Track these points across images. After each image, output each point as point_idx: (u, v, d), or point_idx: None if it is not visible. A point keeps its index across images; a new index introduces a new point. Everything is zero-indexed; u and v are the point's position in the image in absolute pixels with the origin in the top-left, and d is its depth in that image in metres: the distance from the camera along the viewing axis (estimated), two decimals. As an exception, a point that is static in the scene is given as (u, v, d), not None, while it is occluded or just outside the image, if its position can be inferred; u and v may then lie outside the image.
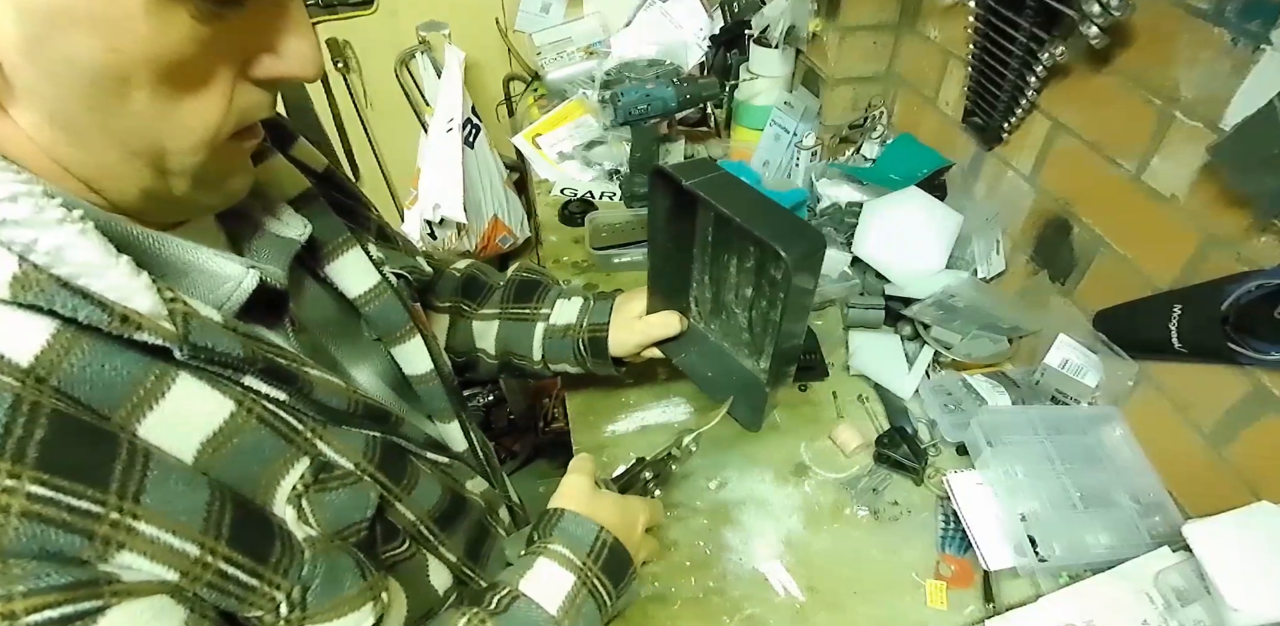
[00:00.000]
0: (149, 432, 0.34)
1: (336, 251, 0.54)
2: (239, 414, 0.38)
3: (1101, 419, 0.82)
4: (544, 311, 0.77)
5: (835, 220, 1.13)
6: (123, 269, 0.33)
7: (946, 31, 1.02)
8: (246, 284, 0.42)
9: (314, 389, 0.43)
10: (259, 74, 0.37)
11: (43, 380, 0.31)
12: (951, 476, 0.77)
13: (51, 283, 0.31)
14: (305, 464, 0.42)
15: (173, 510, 0.34)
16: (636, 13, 1.49)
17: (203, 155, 0.36)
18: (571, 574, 0.55)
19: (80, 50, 0.30)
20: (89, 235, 0.32)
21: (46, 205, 0.31)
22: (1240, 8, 0.60)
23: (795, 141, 1.24)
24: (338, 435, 0.45)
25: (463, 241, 1.67)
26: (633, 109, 1.18)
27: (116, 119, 0.33)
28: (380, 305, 0.56)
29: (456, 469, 0.60)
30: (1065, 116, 0.84)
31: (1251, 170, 0.60)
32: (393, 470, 0.50)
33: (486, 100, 1.75)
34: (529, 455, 2.02)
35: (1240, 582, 0.60)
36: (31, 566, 0.29)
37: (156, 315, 0.34)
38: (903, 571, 0.74)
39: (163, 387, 0.35)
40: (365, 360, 0.57)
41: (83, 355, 0.32)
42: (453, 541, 0.57)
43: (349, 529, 0.44)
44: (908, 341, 1.00)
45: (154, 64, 0.31)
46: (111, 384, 0.33)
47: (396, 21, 1.61)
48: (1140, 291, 0.76)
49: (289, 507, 0.41)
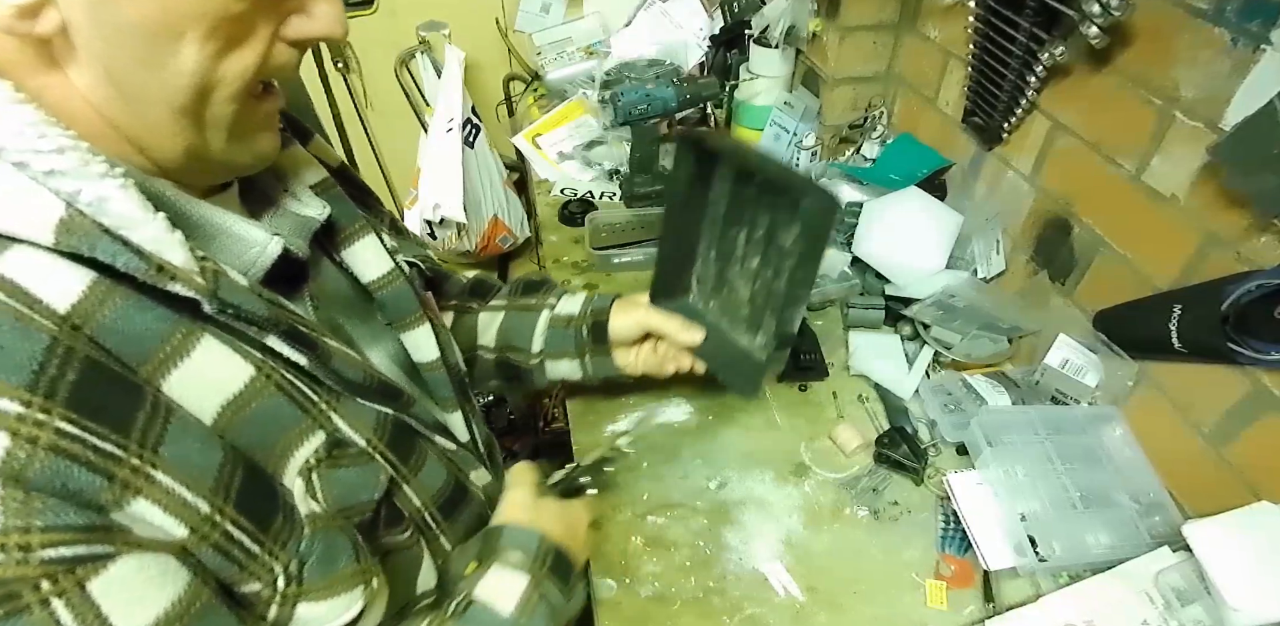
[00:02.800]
0: (172, 389, 0.36)
1: (353, 236, 0.56)
2: (258, 378, 0.40)
3: (1101, 419, 0.82)
4: (550, 301, 0.79)
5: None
6: (159, 224, 0.35)
7: (946, 31, 1.02)
8: (271, 249, 0.44)
9: (332, 357, 0.44)
10: (291, 34, 0.39)
11: (78, 328, 0.33)
12: (951, 476, 0.77)
13: (95, 228, 0.33)
14: (320, 438, 0.43)
15: (188, 464, 0.35)
16: (636, 13, 1.49)
17: (236, 105, 0.39)
18: (525, 574, 0.55)
19: (139, 9, 0.33)
20: (129, 190, 0.34)
21: (91, 160, 0.34)
22: (1240, 8, 0.60)
23: (795, 141, 1.24)
24: (351, 409, 0.47)
25: (463, 241, 1.67)
26: (633, 109, 1.18)
27: (166, 75, 0.35)
28: (393, 291, 0.58)
29: (462, 456, 0.61)
30: (1065, 116, 0.84)
31: (1251, 170, 0.60)
32: (402, 449, 0.51)
33: (486, 100, 1.75)
34: (529, 455, 2.02)
35: (1240, 582, 0.60)
36: (52, 503, 0.30)
37: (189, 270, 0.36)
38: (903, 571, 0.74)
39: (188, 346, 0.37)
40: (378, 342, 0.58)
41: (116, 307, 0.34)
42: (454, 530, 0.58)
43: (354, 508, 0.45)
44: (908, 341, 1.00)
45: (204, 20, 0.34)
46: (141, 337, 0.35)
47: (396, 21, 1.61)
48: (1140, 291, 0.76)
49: (299, 479, 0.42)
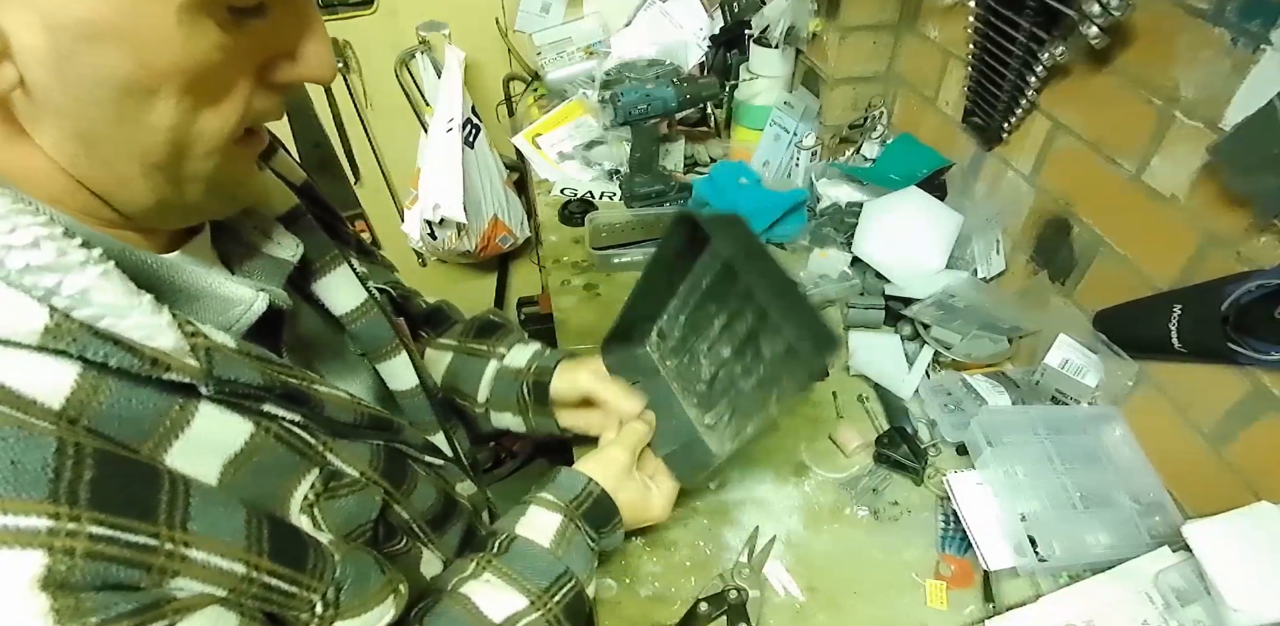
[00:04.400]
0: (175, 460, 0.35)
1: (325, 269, 0.54)
2: (258, 434, 0.40)
3: (1101, 419, 0.82)
4: (500, 351, 0.76)
5: (835, 220, 1.13)
6: (145, 308, 0.34)
7: (946, 31, 1.02)
8: (256, 307, 0.42)
9: (324, 406, 0.44)
10: (277, 78, 0.37)
11: (74, 421, 0.32)
12: (951, 476, 0.77)
13: (83, 331, 0.32)
14: (315, 473, 0.43)
15: (218, 533, 0.35)
16: (636, 13, 1.48)
17: (216, 160, 0.37)
18: (558, 514, 0.62)
19: (110, 64, 0.30)
20: (111, 276, 0.33)
21: (69, 248, 0.32)
22: (1240, 8, 0.60)
23: (795, 141, 1.24)
24: (345, 446, 0.47)
25: (463, 241, 1.67)
26: (633, 109, 1.18)
27: (140, 131, 0.33)
28: (367, 322, 0.56)
29: (449, 470, 0.62)
30: (1065, 116, 0.84)
31: (1251, 170, 0.60)
32: (395, 475, 0.51)
33: (486, 100, 1.75)
34: (529, 455, 2.02)
35: (1240, 582, 0.60)
36: (100, 598, 0.30)
37: (180, 352, 0.35)
38: (903, 571, 0.74)
39: (187, 417, 0.36)
40: (353, 375, 0.58)
41: (110, 393, 0.33)
42: (444, 542, 0.59)
43: (356, 529, 0.46)
44: (908, 341, 1.00)
45: (181, 75, 0.32)
46: (139, 418, 0.34)
47: (396, 21, 1.61)
48: (1140, 291, 0.76)
49: (303, 516, 0.42)
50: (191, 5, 0.30)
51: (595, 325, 0.80)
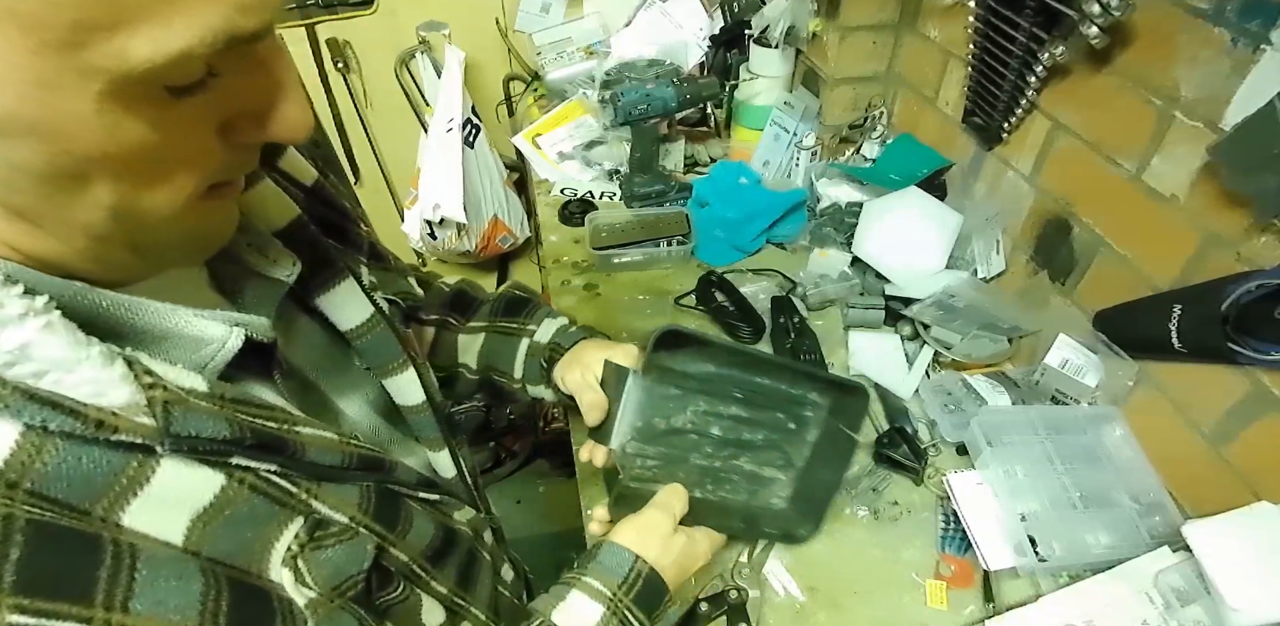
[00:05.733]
0: (134, 520, 0.32)
1: (328, 283, 0.51)
2: (229, 487, 0.36)
3: (1101, 419, 0.82)
4: (530, 327, 0.75)
5: (835, 220, 1.13)
6: (94, 361, 0.30)
7: (946, 31, 1.02)
8: (230, 344, 0.38)
9: (306, 451, 0.40)
10: (241, 140, 0.34)
11: (14, 485, 0.29)
12: (951, 476, 0.77)
13: (16, 396, 0.29)
14: (299, 522, 0.40)
15: (164, 610, 0.32)
16: (636, 13, 1.48)
17: (176, 222, 0.33)
18: (600, 605, 0.57)
19: (30, 156, 0.28)
20: (54, 327, 0.30)
21: (6, 299, 0.29)
22: (1240, 8, 0.60)
23: (795, 141, 1.24)
24: (332, 491, 0.43)
25: (463, 241, 1.67)
26: (633, 109, 1.18)
27: (81, 211, 0.30)
28: (373, 338, 0.54)
29: (446, 503, 0.59)
30: (1065, 116, 0.84)
31: (1251, 170, 0.60)
32: (387, 518, 0.48)
33: (486, 100, 1.75)
34: (529, 455, 2.02)
35: (1240, 582, 0.60)
36: None
37: (134, 406, 0.31)
38: (903, 571, 0.74)
39: (145, 473, 0.33)
40: (356, 390, 0.55)
41: (56, 452, 0.30)
42: (444, 574, 0.55)
43: (346, 582, 0.42)
44: (908, 341, 1.00)
45: (111, 161, 0.29)
46: (90, 477, 0.31)
47: (396, 21, 1.61)
48: (1140, 291, 0.76)
49: (285, 570, 0.38)
50: (113, 94, 0.27)
51: (595, 325, 0.80)
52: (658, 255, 1.15)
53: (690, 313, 1.06)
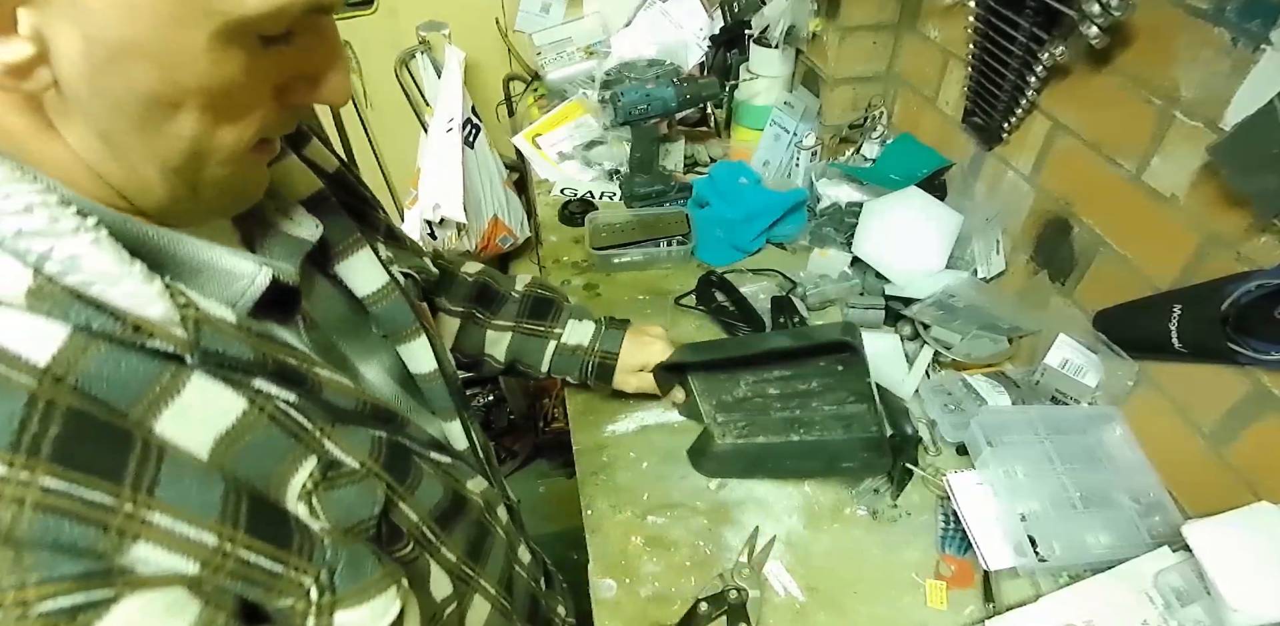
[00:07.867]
0: (165, 429, 0.35)
1: (347, 251, 0.55)
2: (250, 412, 0.39)
3: (1101, 419, 0.82)
4: (557, 330, 0.84)
5: (835, 220, 1.13)
6: (136, 276, 0.34)
7: (946, 31, 1.02)
8: (259, 281, 0.42)
9: (323, 389, 0.44)
10: (294, 99, 0.39)
11: (60, 379, 0.32)
12: (951, 476, 0.77)
13: (65, 295, 0.32)
14: (314, 461, 0.43)
15: (187, 502, 0.35)
16: (636, 13, 1.49)
17: (231, 167, 0.39)
18: None
19: (140, 80, 0.32)
20: (102, 244, 0.34)
21: (61, 215, 0.33)
22: (1240, 8, 0.60)
23: (795, 141, 1.24)
24: (345, 434, 0.46)
25: (463, 241, 1.67)
26: (633, 109, 1.18)
27: (162, 139, 0.35)
28: (388, 304, 0.57)
29: (458, 468, 0.61)
30: (1065, 116, 0.84)
31: (1251, 170, 0.60)
32: (398, 470, 0.50)
33: (486, 100, 1.75)
34: (529, 455, 2.02)
35: (1240, 582, 0.60)
36: (45, 556, 0.29)
37: (169, 321, 0.35)
38: (903, 571, 0.74)
39: (177, 385, 0.36)
40: (374, 356, 0.58)
41: (99, 355, 0.33)
42: (453, 541, 0.57)
43: (357, 525, 0.45)
44: (908, 341, 1.00)
45: (205, 94, 0.34)
46: (127, 382, 0.34)
47: (396, 21, 1.61)
48: (1140, 291, 0.76)
49: (300, 504, 0.41)
50: (223, 33, 0.32)
51: (596, 324, 0.81)
52: (658, 255, 1.15)
53: (690, 312, 1.06)
